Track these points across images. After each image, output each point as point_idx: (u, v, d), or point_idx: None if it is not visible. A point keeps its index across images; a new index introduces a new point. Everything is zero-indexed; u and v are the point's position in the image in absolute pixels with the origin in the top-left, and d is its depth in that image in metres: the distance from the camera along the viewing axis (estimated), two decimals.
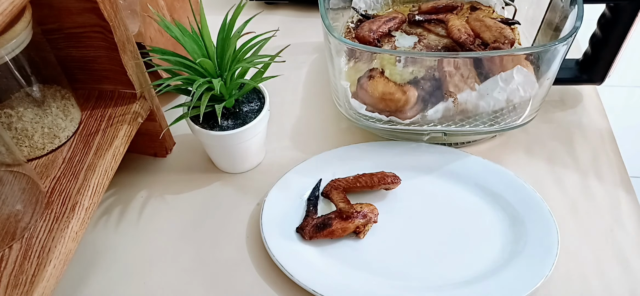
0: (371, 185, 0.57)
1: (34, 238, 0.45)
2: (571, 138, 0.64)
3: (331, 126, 0.68)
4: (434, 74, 0.59)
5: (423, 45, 0.67)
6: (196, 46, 0.54)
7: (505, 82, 0.58)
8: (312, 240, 0.54)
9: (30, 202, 0.47)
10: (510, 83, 0.58)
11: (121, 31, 0.51)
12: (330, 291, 0.49)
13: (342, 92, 0.62)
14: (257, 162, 0.64)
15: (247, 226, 0.58)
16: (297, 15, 0.88)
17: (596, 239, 0.53)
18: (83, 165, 0.51)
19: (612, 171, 0.59)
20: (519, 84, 0.58)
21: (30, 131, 0.50)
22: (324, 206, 0.57)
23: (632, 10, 0.56)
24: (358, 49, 0.62)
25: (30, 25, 0.46)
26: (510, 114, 0.61)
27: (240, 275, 0.53)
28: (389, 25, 0.68)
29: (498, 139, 0.64)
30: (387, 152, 0.61)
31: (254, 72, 0.58)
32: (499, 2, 0.72)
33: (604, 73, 0.63)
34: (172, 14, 0.69)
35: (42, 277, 0.42)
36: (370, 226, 0.54)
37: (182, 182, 0.63)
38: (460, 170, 0.57)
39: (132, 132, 0.56)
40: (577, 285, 0.50)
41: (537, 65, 0.57)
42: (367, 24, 0.68)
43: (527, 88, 0.58)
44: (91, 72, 0.56)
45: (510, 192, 0.56)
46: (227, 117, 0.57)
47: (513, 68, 0.57)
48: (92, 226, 0.59)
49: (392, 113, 0.59)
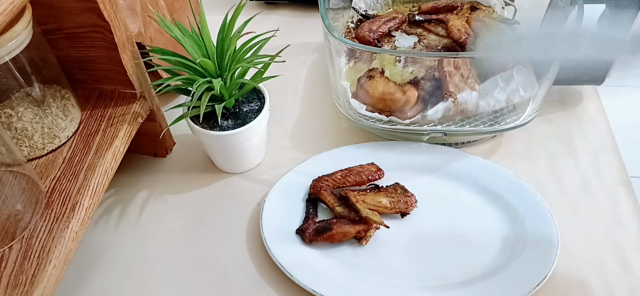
0: (360, 182, 0.57)
1: (34, 238, 0.45)
2: (571, 138, 0.63)
3: (331, 126, 0.68)
4: (434, 73, 0.59)
5: (423, 45, 0.67)
6: (196, 46, 0.54)
7: (505, 82, 0.58)
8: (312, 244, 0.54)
9: (30, 202, 0.47)
10: (510, 83, 0.58)
11: (121, 31, 0.51)
12: (330, 291, 0.49)
13: (342, 92, 0.62)
14: (257, 162, 0.64)
15: (247, 226, 0.58)
16: (297, 15, 0.88)
17: (596, 239, 0.53)
18: (83, 165, 0.51)
19: (612, 171, 0.59)
20: (519, 84, 0.58)
21: (30, 131, 0.50)
22: (324, 206, 0.57)
23: (632, 10, 0.56)
24: (358, 49, 0.62)
25: (30, 25, 0.46)
26: (510, 114, 0.61)
27: (240, 275, 0.53)
28: (389, 25, 0.68)
29: (498, 139, 0.64)
30: (387, 152, 0.61)
31: (254, 72, 0.58)
32: (499, 2, 0.72)
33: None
34: (172, 14, 0.69)
35: (42, 277, 0.42)
36: (373, 233, 0.54)
37: (182, 182, 0.63)
38: (460, 170, 0.57)
39: (132, 132, 0.56)
40: (577, 285, 0.50)
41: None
42: (367, 24, 0.68)
43: (527, 88, 0.58)
44: (91, 72, 0.56)
45: (510, 192, 0.56)
46: (227, 117, 0.57)
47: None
48: (92, 226, 0.59)
49: (392, 113, 0.59)
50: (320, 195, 0.56)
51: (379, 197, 0.55)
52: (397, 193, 0.56)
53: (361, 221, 0.53)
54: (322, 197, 0.56)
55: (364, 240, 0.53)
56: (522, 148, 0.63)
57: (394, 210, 0.55)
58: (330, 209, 0.56)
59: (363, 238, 0.53)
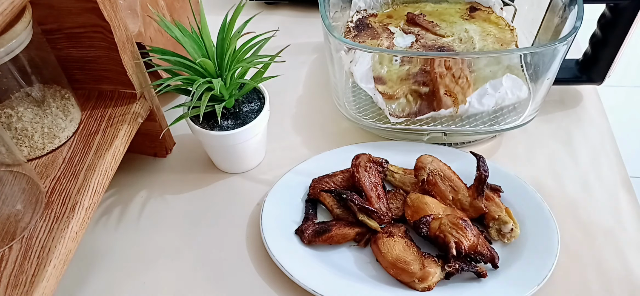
0: None
1: (34, 238, 0.45)
2: (571, 138, 0.64)
3: (331, 126, 0.68)
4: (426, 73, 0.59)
5: (420, 44, 0.67)
6: (196, 46, 0.54)
7: (495, 89, 0.58)
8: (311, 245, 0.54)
9: (30, 202, 0.47)
10: (498, 89, 0.58)
11: (121, 31, 0.51)
12: (330, 291, 0.49)
13: (342, 92, 0.62)
14: (257, 162, 0.64)
15: (247, 226, 0.58)
16: (297, 15, 0.88)
17: (596, 239, 0.53)
18: (83, 165, 0.51)
19: (612, 171, 0.59)
20: (508, 88, 0.58)
21: (30, 131, 0.50)
22: (323, 207, 0.57)
23: (632, 10, 0.56)
24: (358, 49, 0.62)
25: (30, 25, 0.46)
26: (510, 114, 0.61)
27: (240, 275, 0.53)
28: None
29: (498, 139, 0.64)
30: (387, 152, 0.60)
31: (254, 72, 0.58)
32: (498, 3, 0.72)
33: (604, 73, 0.63)
34: (172, 14, 0.69)
35: (42, 277, 0.42)
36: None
37: (182, 182, 0.63)
38: (460, 170, 0.57)
39: (132, 132, 0.56)
40: (577, 285, 0.50)
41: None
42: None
43: (515, 90, 0.59)
44: (91, 72, 0.56)
45: (510, 192, 0.56)
46: (227, 117, 0.57)
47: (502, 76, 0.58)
48: (92, 226, 0.59)
49: (401, 281, 0.50)
50: (319, 196, 0.56)
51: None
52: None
53: (360, 223, 0.53)
54: (321, 199, 0.56)
55: (363, 243, 0.53)
56: (522, 148, 0.63)
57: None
58: (329, 210, 0.56)
59: (361, 242, 0.53)
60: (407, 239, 0.51)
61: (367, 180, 0.54)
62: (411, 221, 0.52)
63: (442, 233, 0.50)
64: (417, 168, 0.56)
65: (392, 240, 0.51)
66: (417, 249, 0.50)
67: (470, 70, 0.60)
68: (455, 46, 0.66)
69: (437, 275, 0.49)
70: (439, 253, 0.51)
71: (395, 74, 0.62)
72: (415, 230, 0.52)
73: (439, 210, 0.52)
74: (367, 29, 0.71)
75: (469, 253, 0.49)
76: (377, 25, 0.71)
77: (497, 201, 0.53)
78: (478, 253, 0.49)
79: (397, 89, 0.60)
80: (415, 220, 0.52)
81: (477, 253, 0.49)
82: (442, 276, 0.49)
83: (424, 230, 0.51)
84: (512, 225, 0.51)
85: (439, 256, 0.50)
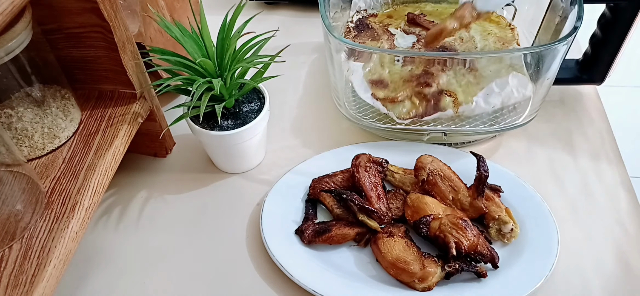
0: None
1: (34, 238, 0.45)
2: (571, 138, 0.63)
3: (331, 126, 0.68)
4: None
5: (421, 44, 0.67)
6: (196, 46, 0.54)
7: (501, 88, 0.58)
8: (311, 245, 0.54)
9: (30, 202, 0.47)
10: (505, 88, 0.58)
11: (121, 31, 0.51)
12: (330, 292, 0.49)
13: (342, 92, 0.62)
14: (257, 162, 0.64)
15: (247, 226, 0.58)
16: (297, 15, 0.88)
17: (596, 239, 0.53)
18: (83, 165, 0.51)
19: (612, 171, 0.59)
20: (514, 87, 0.58)
21: (30, 131, 0.50)
22: (323, 206, 0.57)
23: (632, 10, 0.56)
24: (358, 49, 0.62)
25: (30, 25, 0.46)
26: (510, 114, 0.61)
27: (240, 275, 0.53)
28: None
29: (498, 139, 0.64)
30: (387, 152, 0.60)
31: (254, 72, 0.58)
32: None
33: (604, 73, 0.63)
34: (172, 14, 0.69)
35: (42, 277, 0.42)
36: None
37: (182, 182, 0.63)
38: (460, 170, 0.57)
39: (132, 132, 0.56)
40: (577, 285, 0.50)
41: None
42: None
43: (521, 88, 0.58)
44: (91, 72, 0.56)
45: (510, 192, 0.56)
46: (227, 117, 0.57)
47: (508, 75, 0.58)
48: (92, 226, 0.59)
49: (401, 281, 0.51)
50: (319, 196, 0.56)
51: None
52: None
53: (360, 223, 0.53)
54: (321, 199, 0.56)
55: (363, 243, 0.53)
56: (522, 148, 0.63)
57: None
58: (329, 210, 0.56)
59: (361, 242, 0.53)
60: (407, 239, 0.51)
61: (367, 180, 0.54)
62: (411, 221, 0.52)
63: (442, 233, 0.50)
64: (417, 168, 0.56)
65: (392, 240, 0.51)
66: (417, 249, 0.50)
67: (473, 70, 0.60)
68: (457, 46, 0.66)
69: (437, 275, 0.49)
70: (439, 253, 0.51)
71: (397, 75, 0.62)
72: (415, 230, 0.52)
73: (439, 210, 0.52)
74: (367, 29, 0.71)
75: (469, 253, 0.49)
76: (378, 26, 0.71)
77: (497, 201, 0.53)
78: (478, 253, 0.49)
79: (400, 91, 0.60)
80: (415, 220, 0.52)
81: (477, 253, 0.49)
82: (442, 276, 0.49)
83: (424, 230, 0.51)
84: (512, 225, 0.51)
85: (439, 256, 0.50)
